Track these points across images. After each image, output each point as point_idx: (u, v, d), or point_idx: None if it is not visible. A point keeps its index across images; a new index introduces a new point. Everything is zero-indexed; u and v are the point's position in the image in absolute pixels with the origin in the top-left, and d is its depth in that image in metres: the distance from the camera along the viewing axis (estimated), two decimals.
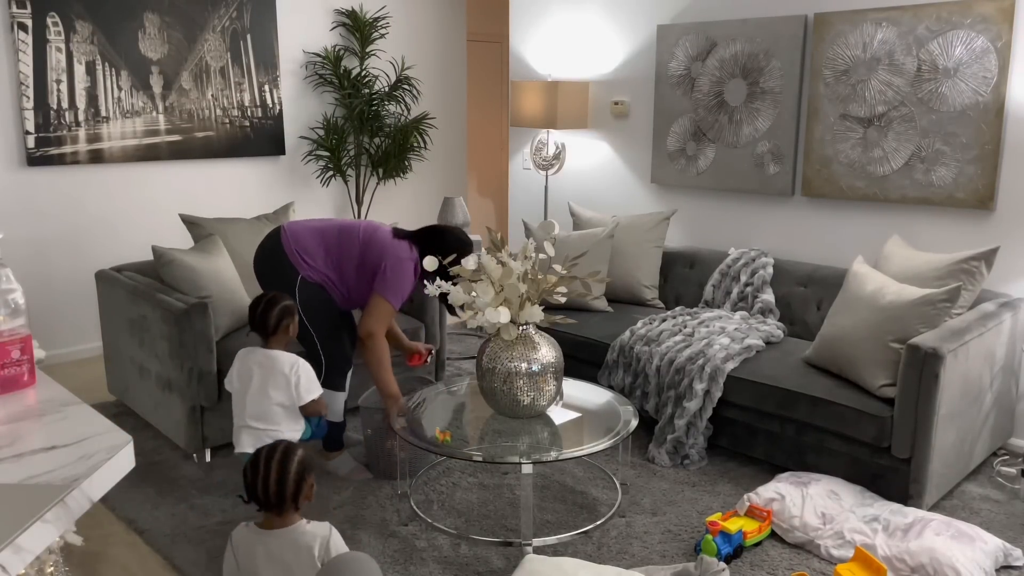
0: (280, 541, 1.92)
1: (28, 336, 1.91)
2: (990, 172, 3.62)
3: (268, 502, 1.92)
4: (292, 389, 2.81)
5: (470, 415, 3.26)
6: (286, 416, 2.84)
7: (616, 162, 5.14)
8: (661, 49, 4.74)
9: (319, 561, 1.90)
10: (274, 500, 1.91)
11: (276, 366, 2.82)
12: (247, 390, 2.82)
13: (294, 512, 1.97)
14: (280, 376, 2.81)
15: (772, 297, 4.06)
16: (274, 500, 1.91)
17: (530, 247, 2.93)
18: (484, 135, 7.92)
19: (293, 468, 1.93)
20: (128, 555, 2.90)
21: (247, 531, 1.98)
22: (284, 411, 2.83)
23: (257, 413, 2.81)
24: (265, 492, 1.91)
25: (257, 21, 5.57)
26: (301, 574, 1.90)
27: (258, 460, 1.95)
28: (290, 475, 1.92)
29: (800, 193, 4.28)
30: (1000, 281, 3.67)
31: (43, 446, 1.57)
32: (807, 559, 2.83)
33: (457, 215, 5.84)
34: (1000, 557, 2.74)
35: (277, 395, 2.80)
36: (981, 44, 3.57)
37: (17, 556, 1.24)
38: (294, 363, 2.84)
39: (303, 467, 1.96)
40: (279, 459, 1.93)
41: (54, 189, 4.87)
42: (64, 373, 4.72)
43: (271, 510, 1.94)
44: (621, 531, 3.03)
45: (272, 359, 2.84)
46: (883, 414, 3.06)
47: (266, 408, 2.80)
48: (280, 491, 1.91)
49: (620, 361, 3.85)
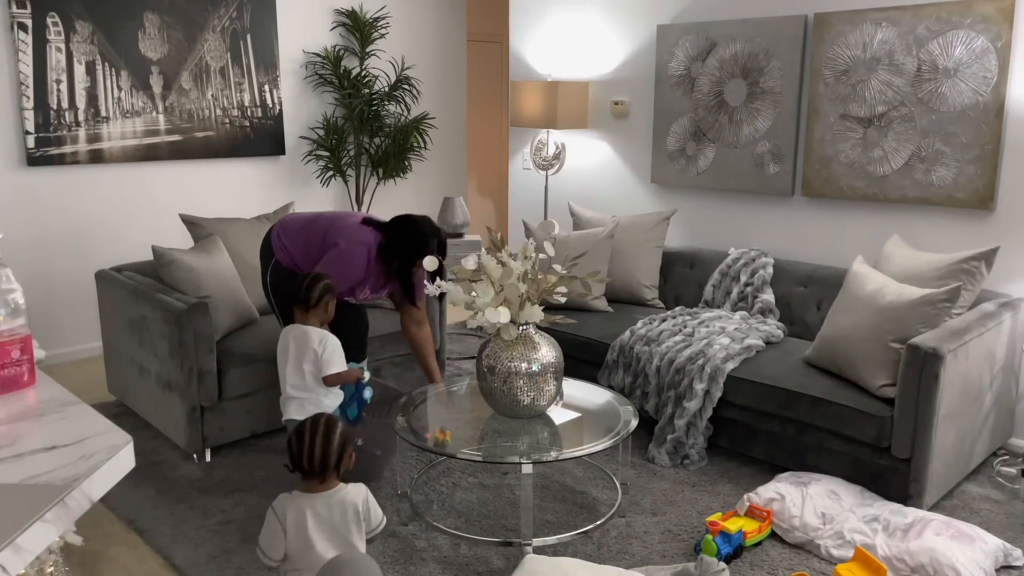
0: (328, 502, 2.07)
1: (28, 336, 1.91)
2: (990, 172, 3.62)
3: (313, 470, 2.06)
4: (318, 361, 3.00)
5: (470, 415, 3.26)
6: (320, 385, 3.02)
7: (616, 162, 5.14)
8: (661, 49, 4.74)
9: (362, 518, 2.09)
10: (319, 468, 2.06)
11: (308, 340, 3.01)
12: (286, 362, 3.03)
13: (335, 478, 2.11)
14: (310, 350, 3.00)
15: (772, 297, 4.06)
16: (319, 468, 2.06)
17: (530, 247, 2.93)
18: (484, 135, 7.92)
19: (336, 439, 2.09)
20: (128, 555, 2.90)
21: (292, 498, 2.09)
22: (316, 381, 3.02)
23: (296, 383, 3.02)
24: (311, 461, 2.06)
25: (257, 21, 5.57)
26: (346, 530, 2.07)
27: (303, 432, 2.09)
28: (333, 445, 2.08)
29: (800, 193, 4.28)
30: (1000, 281, 3.67)
31: (43, 446, 1.57)
32: (807, 559, 2.83)
33: (457, 215, 5.84)
34: (1000, 557, 2.74)
35: (308, 367, 3.01)
36: (981, 44, 3.57)
37: (17, 556, 1.24)
38: (322, 337, 3.02)
39: (344, 438, 2.12)
40: (323, 431, 2.09)
41: (54, 189, 4.87)
42: (64, 373, 4.72)
43: (315, 477, 2.07)
44: (621, 531, 3.03)
45: (305, 333, 3.02)
46: (883, 414, 3.06)
47: (302, 378, 3.01)
48: (324, 459, 2.07)
49: (620, 361, 3.85)
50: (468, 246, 5.77)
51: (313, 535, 2.04)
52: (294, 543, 2.05)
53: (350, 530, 2.08)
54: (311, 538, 2.04)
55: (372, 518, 2.14)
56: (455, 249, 5.73)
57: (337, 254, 3.24)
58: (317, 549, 2.04)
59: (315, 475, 2.08)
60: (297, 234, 3.39)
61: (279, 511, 2.08)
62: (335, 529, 2.07)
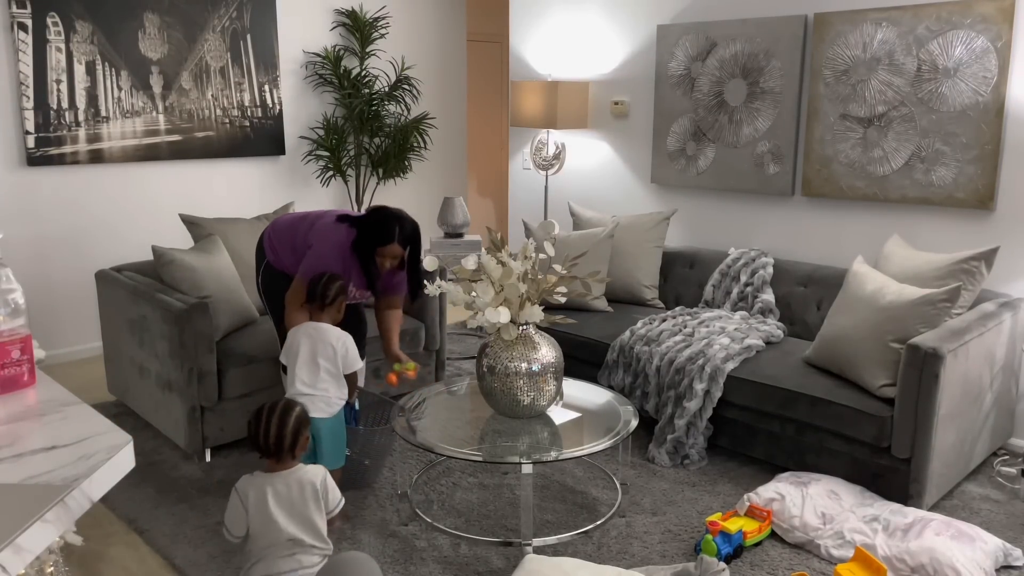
0: (286, 481, 2.17)
1: (28, 336, 1.91)
2: (990, 172, 3.62)
3: (268, 450, 2.17)
4: (339, 359, 3.04)
5: (470, 415, 3.26)
6: (333, 381, 3.05)
7: (616, 162, 5.14)
8: (661, 49, 4.74)
9: (320, 497, 2.19)
10: (274, 449, 2.17)
11: (325, 337, 3.03)
12: (296, 360, 3.02)
13: (291, 459, 2.22)
14: (328, 346, 3.02)
15: (772, 297, 4.06)
16: (274, 449, 2.17)
17: (530, 247, 2.93)
18: (484, 135, 7.92)
19: (291, 422, 2.19)
20: (128, 555, 2.90)
21: (253, 478, 2.20)
22: (331, 377, 3.04)
23: (308, 380, 3.01)
24: (267, 441, 2.17)
25: (257, 21, 5.57)
26: (304, 507, 2.17)
27: (261, 414, 2.20)
28: (288, 428, 2.18)
29: (800, 193, 4.28)
30: (1000, 281, 3.67)
31: (43, 446, 1.57)
32: (807, 559, 2.83)
33: (457, 215, 5.84)
34: (1000, 557, 2.74)
35: (325, 363, 3.02)
36: (981, 44, 3.57)
37: (17, 556, 1.24)
38: (341, 336, 3.06)
39: (299, 422, 2.22)
40: (279, 414, 2.19)
41: (54, 189, 4.87)
42: (64, 373, 4.72)
43: (271, 457, 2.19)
44: (621, 531, 3.03)
45: (321, 331, 3.05)
46: (883, 414, 3.06)
47: (315, 374, 3.02)
48: (279, 440, 2.17)
49: (620, 361, 3.85)
50: (468, 246, 5.77)
51: (274, 511, 2.14)
52: (256, 520, 2.15)
53: (308, 507, 2.17)
54: (272, 514, 2.14)
55: (330, 499, 2.23)
56: (455, 249, 5.73)
57: (312, 255, 3.21)
58: (279, 524, 2.14)
59: (271, 455, 2.18)
60: (283, 235, 3.38)
61: (241, 491, 2.18)
62: (294, 506, 2.16)
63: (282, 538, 2.14)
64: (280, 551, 2.14)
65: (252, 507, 2.15)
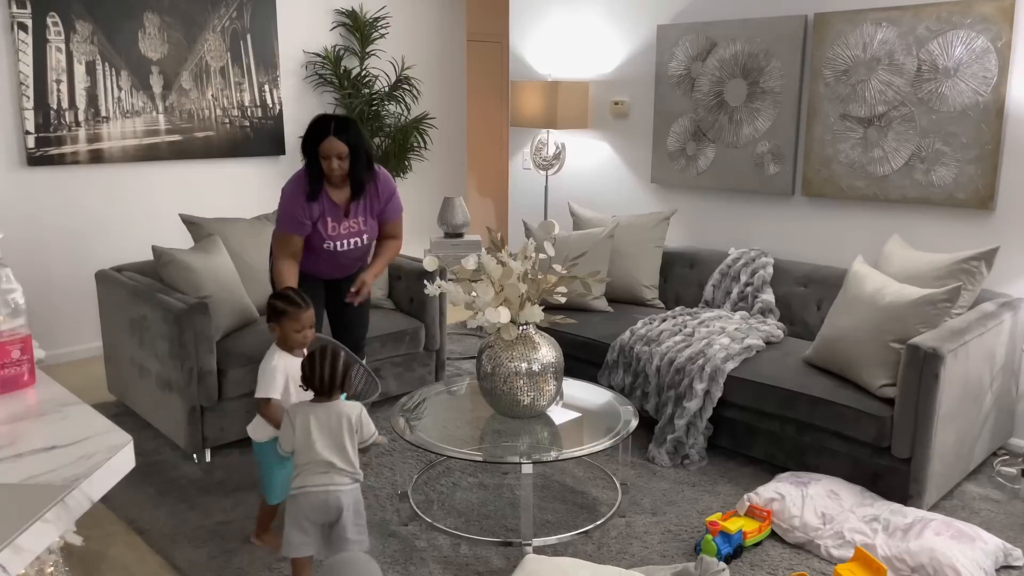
0: (327, 411, 2.50)
1: (28, 336, 1.91)
2: (990, 172, 3.62)
3: (322, 389, 2.50)
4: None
5: (470, 415, 3.26)
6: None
7: (616, 162, 5.14)
8: (661, 49, 4.74)
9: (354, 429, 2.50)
10: (327, 388, 2.50)
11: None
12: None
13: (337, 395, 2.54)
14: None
15: (772, 297, 4.06)
16: (327, 388, 2.50)
17: (530, 247, 2.93)
18: (484, 135, 7.92)
19: (340, 365, 2.52)
20: (128, 555, 2.90)
21: (303, 405, 2.53)
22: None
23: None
24: (320, 382, 2.49)
25: (257, 21, 5.57)
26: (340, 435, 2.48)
27: (314, 360, 2.50)
28: (338, 370, 2.51)
29: (800, 193, 4.28)
30: (1000, 281, 3.67)
31: (43, 446, 1.57)
32: (807, 559, 2.83)
33: (457, 215, 5.84)
34: (1000, 557, 2.74)
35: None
36: (981, 44, 3.57)
37: (17, 556, 1.24)
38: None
39: (346, 365, 2.55)
40: (331, 358, 2.50)
41: (54, 189, 4.87)
42: (64, 373, 4.72)
43: (323, 394, 2.51)
44: (621, 531, 3.03)
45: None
46: (883, 414, 3.06)
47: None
48: (332, 381, 2.50)
49: (620, 361, 3.85)
50: (468, 246, 5.77)
51: (314, 435, 2.47)
52: (300, 440, 2.48)
53: (343, 436, 2.48)
54: (312, 437, 2.47)
55: (364, 431, 2.54)
56: (455, 249, 5.73)
57: (281, 199, 3.28)
58: (316, 447, 2.46)
59: (324, 393, 2.50)
60: None
61: (292, 415, 2.51)
62: (332, 433, 2.48)
63: (318, 458, 2.46)
64: (316, 468, 2.46)
65: (298, 429, 2.48)
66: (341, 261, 3.39)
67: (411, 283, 4.34)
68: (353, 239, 3.35)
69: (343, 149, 3.15)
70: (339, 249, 3.33)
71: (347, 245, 3.34)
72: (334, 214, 3.28)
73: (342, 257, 3.37)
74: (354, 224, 3.33)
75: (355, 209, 3.31)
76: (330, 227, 3.28)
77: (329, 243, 3.30)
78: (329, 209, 3.26)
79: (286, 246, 3.25)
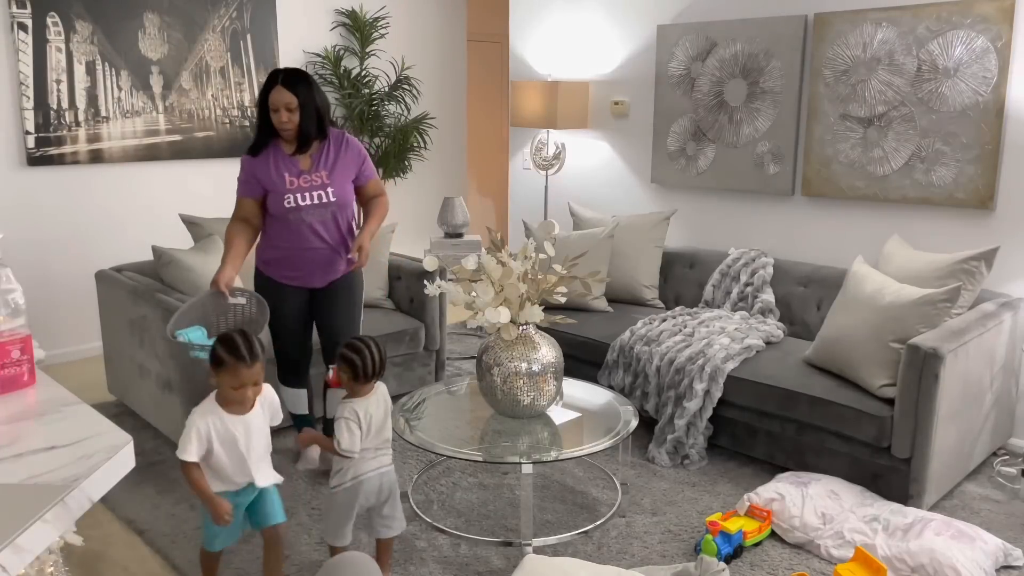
0: (374, 397, 2.63)
1: (28, 336, 1.91)
2: (990, 172, 3.62)
3: (371, 376, 2.60)
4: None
5: (470, 415, 3.26)
6: None
7: (616, 162, 5.14)
8: (661, 49, 4.74)
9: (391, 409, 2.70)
10: (378, 373, 2.62)
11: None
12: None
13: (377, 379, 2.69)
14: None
15: (772, 297, 4.06)
16: (378, 373, 2.62)
17: (530, 247, 2.93)
18: (484, 135, 7.92)
19: (384, 350, 2.67)
20: (128, 555, 2.90)
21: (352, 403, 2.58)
22: None
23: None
24: (372, 369, 2.59)
25: (257, 21, 5.57)
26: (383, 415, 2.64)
27: (362, 351, 2.59)
28: (384, 355, 2.65)
29: (800, 193, 4.28)
30: (1000, 281, 3.67)
31: (43, 446, 1.57)
32: (807, 559, 2.83)
33: (457, 215, 5.84)
34: (1000, 557, 2.74)
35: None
36: (981, 44, 3.57)
37: (17, 556, 1.24)
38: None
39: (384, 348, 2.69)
40: (376, 346, 2.62)
41: (54, 189, 4.87)
42: (64, 373, 4.72)
43: (371, 380, 2.62)
44: (621, 531, 3.03)
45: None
46: (883, 414, 3.06)
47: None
48: (382, 367, 2.63)
49: (620, 361, 3.85)
50: (468, 246, 5.77)
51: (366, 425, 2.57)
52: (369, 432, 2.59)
53: (385, 417, 2.64)
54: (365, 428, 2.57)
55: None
56: (455, 249, 5.73)
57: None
58: (370, 436, 2.59)
59: (372, 378, 2.61)
60: None
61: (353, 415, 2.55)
62: (377, 417, 2.60)
63: (370, 445, 2.59)
64: (368, 454, 2.59)
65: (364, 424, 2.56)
66: (311, 234, 3.19)
67: (411, 283, 4.34)
68: (316, 192, 3.15)
69: (291, 100, 3.05)
70: (302, 204, 3.14)
71: (311, 199, 3.15)
72: (290, 168, 3.16)
73: (312, 222, 3.17)
74: (316, 178, 3.17)
75: (316, 162, 3.19)
76: (287, 180, 3.14)
77: (289, 197, 3.13)
78: (284, 163, 3.17)
79: (238, 209, 3.22)
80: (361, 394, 2.62)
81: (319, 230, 3.21)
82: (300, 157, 3.18)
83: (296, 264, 3.25)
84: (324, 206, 3.19)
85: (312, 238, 3.21)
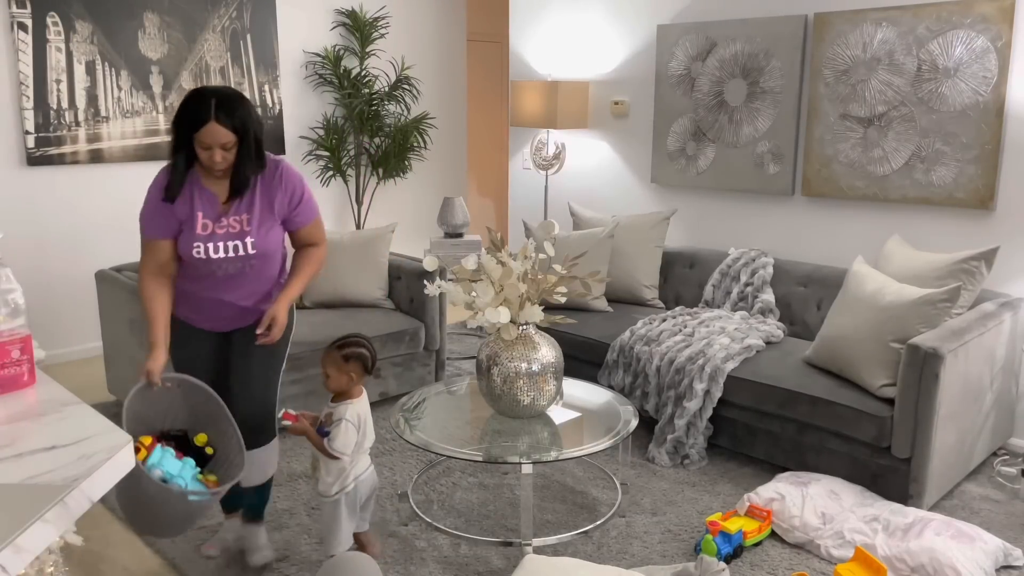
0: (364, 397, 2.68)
1: (28, 336, 1.91)
2: (990, 172, 3.62)
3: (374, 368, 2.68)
4: None
5: (470, 415, 3.26)
6: None
7: (616, 162, 5.14)
8: (661, 49, 4.74)
9: None
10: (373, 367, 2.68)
11: None
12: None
13: None
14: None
15: (772, 297, 4.06)
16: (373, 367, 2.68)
17: (530, 247, 2.93)
18: (484, 135, 7.92)
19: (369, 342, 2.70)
20: (128, 555, 2.90)
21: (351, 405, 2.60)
22: None
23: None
24: (374, 360, 2.66)
25: (257, 21, 5.57)
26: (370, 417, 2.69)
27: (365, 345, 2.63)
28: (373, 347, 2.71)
29: (800, 193, 4.28)
30: (1000, 281, 3.67)
31: (43, 446, 1.57)
32: (807, 559, 2.83)
33: (457, 215, 5.84)
34: (1000, 557, 2.74)
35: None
36: (981, 44, 3.57)
37: (17, 556, 1.24)
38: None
39: None
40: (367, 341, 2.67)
41: (54, 189, 4.87)
42: (64, 373, 4.72)
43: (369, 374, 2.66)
44: (621, 531, 3.03)
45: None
46: (883, 414, 3.06)
47: None
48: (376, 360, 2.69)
49: (620, 361, 3.85)
50: (468, 246, 5.77)
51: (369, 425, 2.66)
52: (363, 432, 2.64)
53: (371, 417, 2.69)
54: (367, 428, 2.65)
55: None
56: (455, 249, 5.73)
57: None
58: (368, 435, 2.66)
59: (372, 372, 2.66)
60: None
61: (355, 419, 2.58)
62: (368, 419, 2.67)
63: (365, 444, 2.65)
64: (362, 455, 2.66)
65: (363, 426, 2.61)
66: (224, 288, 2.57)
67: (411, 283, 4.34)
68: (233, 242, 2.50)
69: (229, 139, 2.37)
70: (212, 256, 2.49)
71: (224, 251, 2.50)
72: (206, 206, 2.50)
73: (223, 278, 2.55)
74: (235, 222, 2.51)
75: (237, 202, 2.52)
76: (199, 223, 2.48)
77: (199, 246, 2.47)
78: (202, 198, 2.50)
79: (149, 256, 2.50)
80: (356, 395, 2.65)
81: (234, 286, 2.59)
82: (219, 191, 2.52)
83: (204, 310, 2.64)
84: (242, 259, 2.53)
85: (225, 292, 2.59)
